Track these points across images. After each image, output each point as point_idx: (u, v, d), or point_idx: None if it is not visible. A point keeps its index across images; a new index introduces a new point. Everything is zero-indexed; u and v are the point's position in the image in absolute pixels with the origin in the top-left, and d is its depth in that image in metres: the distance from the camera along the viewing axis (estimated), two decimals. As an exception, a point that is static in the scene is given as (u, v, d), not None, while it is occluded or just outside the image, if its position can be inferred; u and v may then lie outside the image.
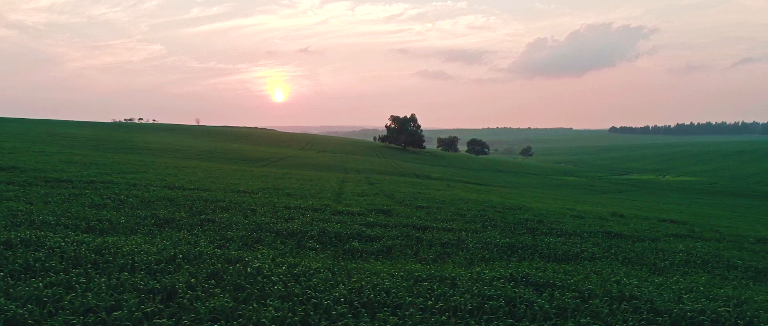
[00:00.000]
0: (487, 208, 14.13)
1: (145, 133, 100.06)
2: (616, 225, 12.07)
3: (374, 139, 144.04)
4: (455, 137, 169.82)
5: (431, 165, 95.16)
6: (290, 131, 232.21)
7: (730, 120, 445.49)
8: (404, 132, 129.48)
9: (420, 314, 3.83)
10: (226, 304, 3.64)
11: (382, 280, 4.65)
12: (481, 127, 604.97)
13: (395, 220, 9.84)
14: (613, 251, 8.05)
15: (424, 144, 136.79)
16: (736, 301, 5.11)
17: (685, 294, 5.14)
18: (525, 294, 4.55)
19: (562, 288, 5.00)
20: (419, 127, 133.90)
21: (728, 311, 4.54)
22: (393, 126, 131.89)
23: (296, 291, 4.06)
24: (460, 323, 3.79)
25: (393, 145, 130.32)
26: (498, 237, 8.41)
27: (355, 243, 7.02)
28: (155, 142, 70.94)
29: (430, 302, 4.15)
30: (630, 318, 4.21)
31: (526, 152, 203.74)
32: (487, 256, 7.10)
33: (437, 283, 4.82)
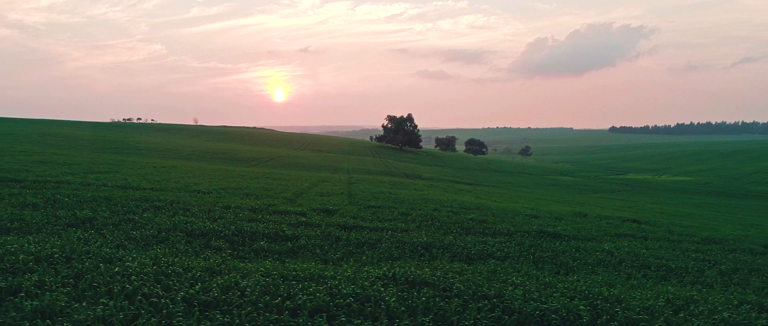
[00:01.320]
0: (442, 208, 14.16)
1: (141, 133, 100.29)
2: (561, 225, 12.09)
3: (371, 138, 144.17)
4: (453, 137, 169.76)
5: (426, 165, 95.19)
6: (290, 131, 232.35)
7: (730, 119, 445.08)
8: (401, 132, 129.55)
9: (255, 312, 3.88)
10: (57, 303, 3.70)
11: (246, 280, 4.70)
12: (481, 127, 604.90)
13: (333, 220, 9.89)
14: (532, 250, 8.08)
15: (421, 144, 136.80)
16: (615, 299, 5.16)
17: (558, 292, 5.18)
18: (386, 294, 4.60)
19: (433, 287, 5.05)
20: (416, 126, 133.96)
21: (584, 308, 4.58)
22: (390, 126, 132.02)
23: (130, 290, 4.11)
24: (293, 322, 3.83)
25: (390, 145, 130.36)
26: (422, 236, 8.45)
27: (263, 243, 7.07)
28: (148, 142, 71.09)
29: (276, 300, 4.20)
30: (478, 317, 4.26)
31: (525, 152, 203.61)
32: (396, 255, 7.14)
33: (306, 282, 4.87)
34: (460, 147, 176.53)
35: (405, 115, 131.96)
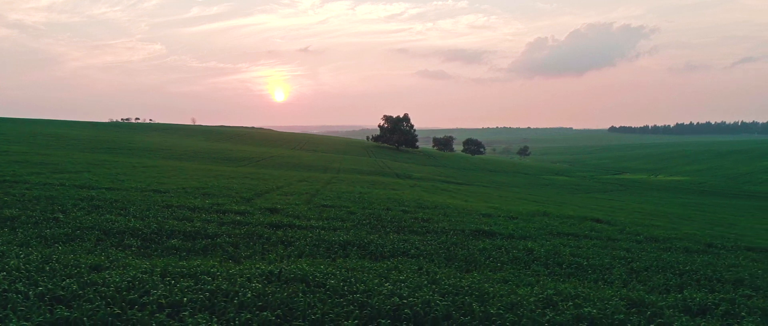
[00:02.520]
0: (396, 207, 14.29)
1: (137, 133, 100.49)
2: (504, 224, 12.23)
3: (367, 138, 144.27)
4: (451, 137, 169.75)
5: (420, 165, 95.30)
6: (289, 131, 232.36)
7: (729, 119, 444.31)
8: (397, 132, 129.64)
9: (105, 306, 4.01)
10: None
11: (120, 276, 4.83)
12: (480, 127, 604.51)
13: (268, 218, 10.02)
14: (446, 247, 8.21)
15: (417, 143, 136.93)
16: (478, 294, 5.32)
17: (439, 287, 5.30)
18: (248, 289, 4.73)
19: (307, 283, 5.18)
20: (412, 126, 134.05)
21: (441, 302, 4.72)
22: (386, 125, 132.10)
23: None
24: (137, 316, 3.96)
25: (386, 145, 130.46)
26: (345, 235, 8.56)
27: (174, 241, 7.20)
28: (143, 141, 71.30)
29: (133, 296, 4.33)
30: (329, 310, 4.39)
31: (523, 152, 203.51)
32: (308, 253, 7.26)
33: (185, 279, 5.00)
34: (458, 147, 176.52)
35: (401, 115, 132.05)
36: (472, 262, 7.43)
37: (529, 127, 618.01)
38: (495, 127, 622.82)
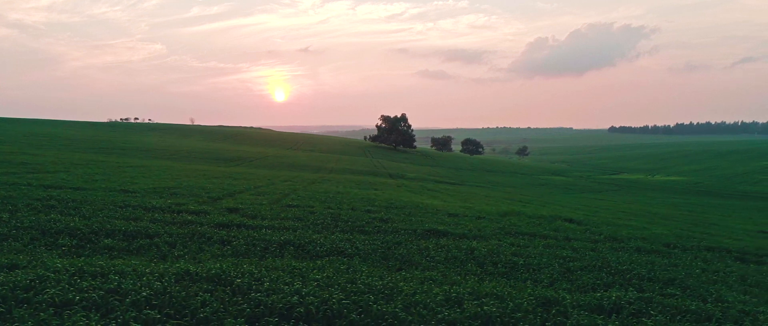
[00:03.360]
0: (361, 207, 14.36)
1: (134, 133, 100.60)
2: (465, 224, 12.28)
3: (365, 138, 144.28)
4: (449, 137, 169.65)
5: (418, 165, 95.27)
6: (289, 131, 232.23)
7: (729, 119, 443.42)
8: (395, 132, 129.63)
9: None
10: None
11: (20, 276, 4.90)
12: (480, 127, 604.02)
13: (228, 219, 10.08)
14: (387, 247, 8.27)
15: (415, 144, 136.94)
16: (388, 292, 5.40)
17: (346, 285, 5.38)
18: (149, 288, 4.79)
19: (216, 282, 5.25)
20: (410, 126, 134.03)
21: (337, 299, 4.78)
22: (384, 126, 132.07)
23: None
24: (27, 312, 4.02)
25: (384, 145, 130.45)
26: (290, 235, 8.62)
27: (108, 241, 7.27)
28: (138, 141, 71.39)
29: (25, 294, 4.40)
30: (223, 307, 4.46)
31: (522, 152, 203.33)
32: (242, 252, 7.32)
33: (93, 278, 5.06)
34: (457, 147, 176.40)
35: (399, 115, 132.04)
36: (406, 261, 7.48)
37: (529, 127, 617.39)
38: (495, 127, 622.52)
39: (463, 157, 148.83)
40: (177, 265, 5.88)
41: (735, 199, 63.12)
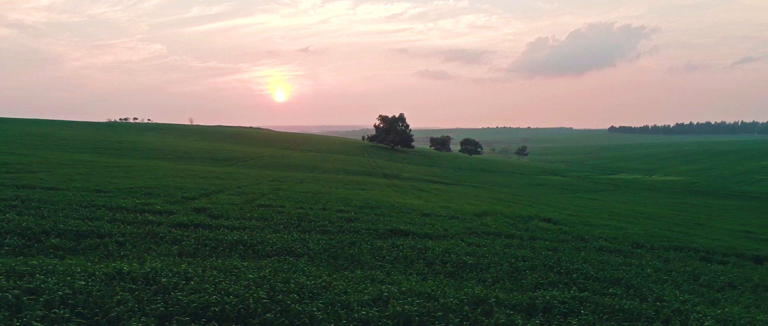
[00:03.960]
0: (333, 207, 14.40)
1: (131, 133, 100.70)
2: (432, 223, 12.32)
3: (362, 138, 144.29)
4: (448, 137, 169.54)
5: (415, 165, 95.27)
6: (289, 131, 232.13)
7: (729, 119, 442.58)
8: (393, 131, 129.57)
9: None
10: None
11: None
12: (480, 127, 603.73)
13: (189, 218, 10.11)
14: (341, 247, 8.29)
15: (414, 143, 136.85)
16: (316, 291, 5.43)
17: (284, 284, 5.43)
18: (67, 287, 4.82)
19: (141, 281, 5.28)
20: (408, 126, 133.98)
21: (262, 296, 4.83)
22: (381, 125, 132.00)
23: None
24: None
25: (382, 145, 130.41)
26: (245, 235, 8.64)
27: (54, 240, 7.30)
28: (134, 141, 71.44)
29: None
30: (136, 306, 4.50)
31: (522, 152, 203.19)
32: (190, 252, 7.34)
33: (19, 278, 5.10)
34: (456, 147, 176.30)
35: (397, 115, 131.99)
36: (355, 261, 7.50)
37: (529, 127, 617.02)
38: (495, 127, 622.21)
39: (462, 157, 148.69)
40: (114, 264, 5.90)
41: (730, 199, 62.99)
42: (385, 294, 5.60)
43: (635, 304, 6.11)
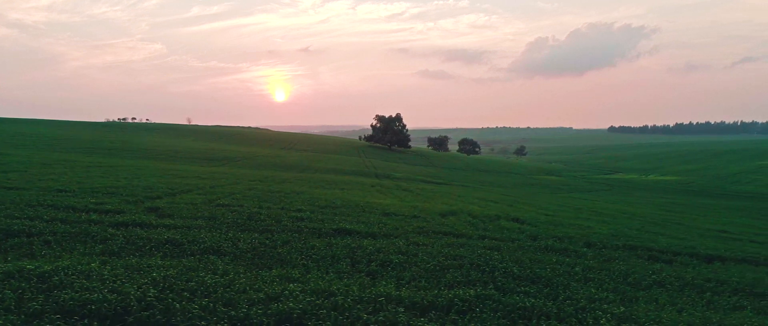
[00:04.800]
0: (293, 206, 14.45)
1: (126, 133, 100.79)
2: (386, 222, 12.35)
3: (359, 138, 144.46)
4: (446, 136, 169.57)
5: (410, 165, 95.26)
6: (289, 131, 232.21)
7: (729, 119, 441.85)
8: (390, 131, 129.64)
9: None
10: None
11: None
12: (480, 127, 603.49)
13: (135, 218, 10.17)
14: (271, 247, 8.33)
15: (411, 143, 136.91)
16: (213, 286, 5.47)
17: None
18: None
19: (37, 280, 5.32)
20: (405, 126, 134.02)
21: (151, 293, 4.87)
22: (378, 125, 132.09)
23: None
24: None
25: (379, 145, 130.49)
26: (178, 235, 8.68)
27: None
28: (126, 141, 71.50)
29: None
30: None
31: (520, 151, 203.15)
32: (115, 251, 7.39)
33: None
34: (454, 147, 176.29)
35: (393, 115, 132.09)
36: (279, 260, 7.53)
37: (528, 127, 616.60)
38: (494, 126, 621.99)
39: (460, 156, 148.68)
40: (20, 263, 5.95)
41: (722, 199, 62.90)
42: (286, 292, 5.63)
43: (540, 302, 6.13)
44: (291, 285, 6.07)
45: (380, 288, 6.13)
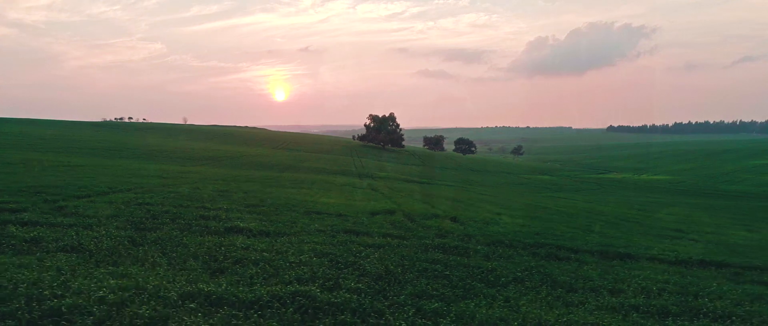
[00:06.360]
0: (228, 204, 14.56)
1: (117, 133, 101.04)
2: (302, 222, 12.42)
3: (352, 138, 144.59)
4: (441, 136, 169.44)
5: (399, 165, 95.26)
6: (289, 130, 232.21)
7: (728, 119, 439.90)
8: (383, 131, 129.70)
9: None
10: None
11: None
12: (479, 126, 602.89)
13: (33, 218, 10.27)
14: (136, 243, 8.42)
15: (404, 143, 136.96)
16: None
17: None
18: None
19: None
20: (398, 125, 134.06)
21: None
22: (371, 125, 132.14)
23: None
24: None
25: (373, 144, 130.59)
26: (42, 232, 8.82)
27: None
28: (115, 141, 71.70)
29: None
30: None
31: (517, 151, 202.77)
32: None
33: None
34: (450, 147, 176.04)
35: (387, 115, 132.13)
36: (139, 259, 7.57)
37: (528, 127, 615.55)
38: (494, 126, 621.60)
39: (453, 156, 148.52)
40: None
41: (707, 198, 62.69)
42: (104, 286, 5.75)
43: (367, 301, 6.18)
44: (121, 280, 6.15)
45: (200, 285, 6.20)
